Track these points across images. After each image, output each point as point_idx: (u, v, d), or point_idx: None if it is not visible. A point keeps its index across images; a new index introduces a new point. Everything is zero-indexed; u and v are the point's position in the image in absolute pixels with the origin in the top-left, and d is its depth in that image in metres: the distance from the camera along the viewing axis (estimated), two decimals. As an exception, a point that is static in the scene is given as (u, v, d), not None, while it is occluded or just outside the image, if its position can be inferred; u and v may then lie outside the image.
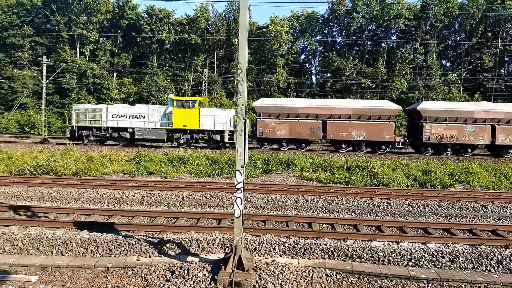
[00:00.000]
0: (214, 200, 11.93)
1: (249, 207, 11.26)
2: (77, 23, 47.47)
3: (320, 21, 53.21)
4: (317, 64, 56.21)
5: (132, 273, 6.76)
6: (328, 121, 24.80)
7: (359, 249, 7.51)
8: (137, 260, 7.20)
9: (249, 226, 9.29)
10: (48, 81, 41.51)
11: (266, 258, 7.25)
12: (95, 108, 27.14)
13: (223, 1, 52.60)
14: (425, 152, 24.76)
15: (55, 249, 7.63)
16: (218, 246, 7.66)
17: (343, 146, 25.24)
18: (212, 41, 51.49)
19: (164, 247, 7.62)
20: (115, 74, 51.37)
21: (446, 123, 24.33)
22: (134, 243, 7.74)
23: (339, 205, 11.83)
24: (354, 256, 7.39)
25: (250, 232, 8.52)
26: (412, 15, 47.60)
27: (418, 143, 25.27)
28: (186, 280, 6.32)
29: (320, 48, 55.58)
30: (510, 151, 24.57)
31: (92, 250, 7.64)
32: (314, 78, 56.63)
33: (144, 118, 26.03)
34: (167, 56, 53.42)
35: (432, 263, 7.19)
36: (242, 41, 6.36)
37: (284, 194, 12.66)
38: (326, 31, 54.89)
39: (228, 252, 7.02)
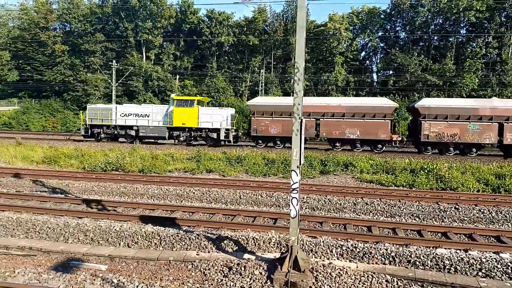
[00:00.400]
0: (270, 200, 11.99)
1: (305, 208, 11.17)
2: (143, 28, 50.39)
3: (382, 16, 51.14)
4: (378, 61, 54.10)
5: (192, 267, 7.03)
6: (321, 119, 24.46)
7: (423, 256, 7.11)
8: (196, 254, 7.48)
9: (305, 227, 9.21)
10: (117, 84, 44.64)
11: (323, 260, 7.13)
12: (106, 108, 28.62)
13: (281, 1, 52.69)
14: (425, 152, 23.27)
15: (122, 241, 8.18)
16: (274, 245, 7.70)
17: (337, 144, 24.73)
18: (270, 42, 51.81)
19: (222, 243, 7.82)
20: (177, 76, 53.74)
21: (447, 121, 22.72)
22: (194, 238, 8.05)
23: (401, 209, 11.28)
24: (417, 263, 7.01)
25: (307, 233, 8.45)
26: (485, 7, 43.92)
27: (417, 142, 23.95)
28: (242, 277, 6.43)
29: (382, 45, 53.40)
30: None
31: (155, 243, 8.07)
32: (375, 76, 54.62)
33: (148, 116, 27.23)
34: (226, 58, 54.72)
35: (507, 275, 6.59)
36: (299, 40, 6.32)
37: (342, 196, 12.36)
38: (388, 27, 52.62)
39: (284, 252, 7.02)
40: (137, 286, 6.24)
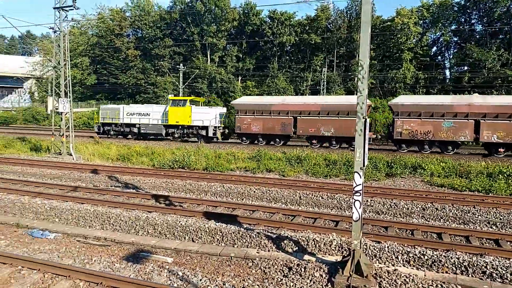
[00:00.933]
0: (331, 202, 11.75)
1: (369, 212, 10.76)
2: (208, 32, 52.23)
3: (456, 9, 47.56)
4: (451, 56, 50.41)
5: (252, 264, 7.12)
6: (298, 117, 25.26)
7: (501, 268, 6.49)
8: (257, 252, 7.57)
9: (369, 231, 8.88)
10: (184, 86, 46.79)
11: (388, 267, 6.82)
12: (115, 108, 31.85)
13: (345, -2, 51.37)
14: (401, 149, 23.14)
15: (187, 236, 8.55)
16: (335, 248, 7.53)
17: (314, 141, 25.36)
18: (332, 40, 50.79)
19: (282, 243, 7.83)
20: (239, 77, 54.89)
21: (420, 118, 22.38)
22: (254, 236, 8.15)
23: (476, 216, 10.40)
24: (494, 274, 6.41)
25: (370, 238, 8.14)
26: None
27: (391, 139, 24.06)
28: (302, 278, 6.38)
29: (456, 39, 49.69)
30: (500, 149, 21.09)
31: (217, 239, 8.32)
32: (448, 72, 50.97)
33: (148, 115, 29.96)
34: (287, 58, 54.71)
35: None
36: (363, 36, 6.11)
37: (410, 200, 11.71)
38: (463, 20, 48.80)
39: (345, 255, 6.84)
40: (200, 280, 6.47)
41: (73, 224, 9.53)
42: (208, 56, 54.51)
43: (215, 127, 27.88)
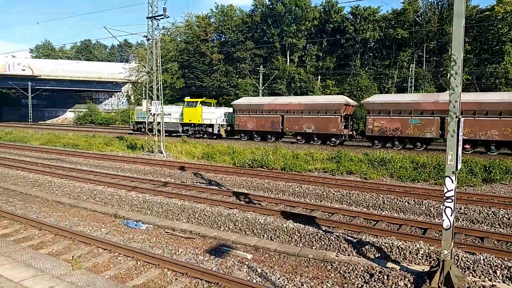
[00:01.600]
0: (419, 208, 10.97)
1: (462, 220, 9.82)
2: (288, 33, 52.46)
3: None
4: None
5: (331, 267, 6.98)
6: (285, 115, 28.23)
7: None
8: (336, 256, 7.40)
9: (461, 241, 8.11)
10: (263, 87, 47.64)
11: (483, 281, 6.16)
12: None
13: (436, -12, 47.57)
14: (375, 146, 24.63)
15: (266, 234, 8.69)
16: (422, 257, 7.03)
17: (298, 137, 28.06)
18: (422, 33, 47.37)
19: (363, 248, 7.54)
20: (319, 77, 54.17)
21: (389, 116, 23.89)
22: (333, 239, 7.98)
23: None
24: None
25: (463, 248, 7.43)
26: None
27: (364, 135, 25.99)
28: (385, 286, 6.07)
29: None
30: (465, 146, 21.23)
31: (295, 240, 8.31)
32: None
33: (170, 115, 33.71)
34: (371, 54, 52.46)
35: None
36: (456, 29, 5.59)
37: None
38: None
39: (434, 265, 6.34)
40: (278, 278, 6.53)
41: (163, 217, 10.30)
42: (288, 56, 54.72)
43: (220, 125, 32.07)
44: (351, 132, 27.31)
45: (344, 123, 26.67)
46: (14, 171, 16.56)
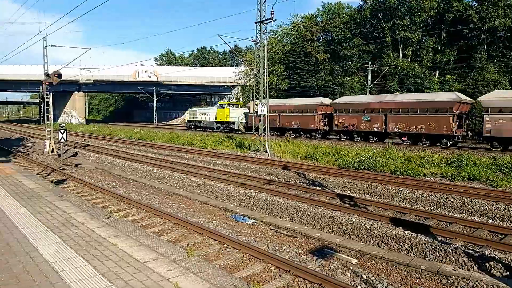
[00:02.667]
0: None
1: None
2: (400, 26, 49.04)
3: None
4: None
5: (447, 282, 6.32)
6: (280, 114, 35.23)
7: None
8: (453, 269, 6.67)
9: None
10: (372, 85, 45.44)
11: None
12: (194, 110, 49.67)
13: None
14: (341, 139, 30.25)
15: (372, 239, 8.29)
16: None
17: (290, 132, 34.44)
18: None
19: (487, 264, 6.65)
20: (437, 72, 49.42)
21: (349, 114, 29.75)
22: (450, 251, 7.22)
23: None
24: None
25: None
26: None
27: (331, 129, 31.96)
28: (515, 311, 5.25)
29: None
30: (403, 138, 26.74)
31: (406, 248, 7.74)
32: None
33: (209, 115, 44.96)
34: (500, 45, 45.81)
35: None
36: None
37: None
38: None
39: None
40: (385, 287, 6.17)
41: (267, 214, 10.62)
42: (400, 51, 51.18)
43: (240, 122, 40.60)
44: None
45: (457, 123, 24.66)
46: (142, 166, 18.92)
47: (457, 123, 24.54)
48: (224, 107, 42.84)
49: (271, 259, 6.97)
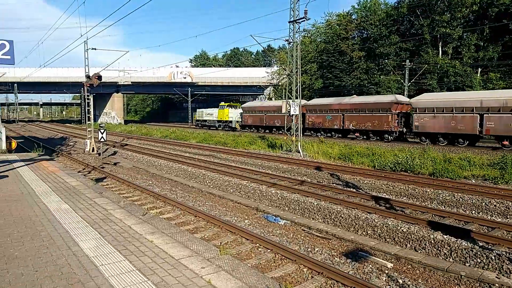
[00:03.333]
0: None
1: None
2: (440, 22, 47.14)
3: None
4: None
5: (489, 291, 6.01)
6: (266, 114, 43.08)
7: None
8: (496, 277, 6.33)
9: None
10: (409, 83, 43.99)
11: None
12: (201, 110, 57.80)
13: None
14: (312, 135, 36.44)
15: (408, 243, 8.03)
16: None
17: (274, 129, 41.99)
18: None
19: (535, 273, 6.25)
20: (479, 69, 47.11)
21: (317, 114, 36.37)
22: (493, 257, 6.87)
23: None
24: None
25: None
26: None
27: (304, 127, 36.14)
28: None
29: None
30: (356, 134, 32.72)
31: (444, 253, 7.44)
32: None
33: (212, 115, 53.16)
34: (550, 39, 42.95)
35: None
36: None
37: None
38: None
39: None
40: (422, 293, 5.95)
41: (299, 215, 10.54)
42: (440, 48, 49.21)
43: (236, 121, 48.46)
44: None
45: (396, 121, 29.62)
46: (177, 165, 19.36)
47: (396, 121, 29.48)
48: (224, 108, 50.97)
49: (303, 260, 6.92)
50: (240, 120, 47.99)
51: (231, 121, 49.07)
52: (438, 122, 26.40)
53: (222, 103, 52.78)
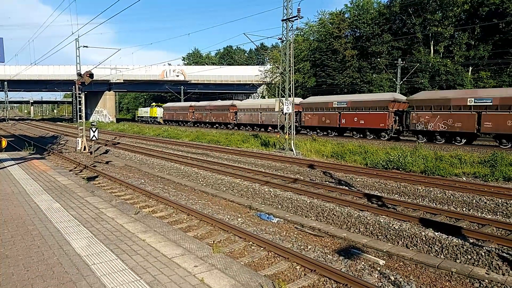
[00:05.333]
0: None
1: None
2: (432, 21, 47.50)
3: None
4: None
5: (480, 286, 6.10)
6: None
7: None
8: (486, 273, 6.42)
9: None
10: (401, 82, 44.27)
11: None
12: (141, 109, 75.12)
13: None
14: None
15: (400, 240, 8.10)
16: None
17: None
18: None
19: (524, 269, 6.35)
20: (470, 68, 47.58)
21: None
22: (483, 254, 6.96)
23: None
24: None
25: None
26: None
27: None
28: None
29: None
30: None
31: (436, 250, 7.52)
32: None
33: (147, 112, 69.83)
34: (540, 39, 43.49)
35: None
36: None
37: None
38: None
39: None
40: (413, 290, 6.01)
41: (292, 212, 10.58)
42: (431, 47, 49.60)
43: (160, 117, 65.40)
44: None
45: (394, 119, 29.59)
46: (169, 163, 19.28)
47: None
48: (153, 107, 68.81)
49: (296, 258, 6.94)
50: (162, 116, 64.60)
51: (156, 117, 66.61)
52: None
53: (153, 104, 71.64)
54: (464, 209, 10.76)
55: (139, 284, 4.65)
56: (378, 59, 51.84)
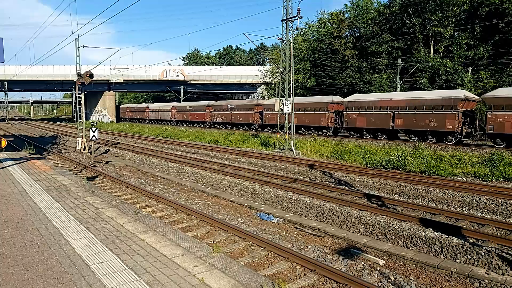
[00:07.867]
0: None
1: None
2: (432, 21, 47.51)
3: None
4: None
5: (479, 286, 6.10)
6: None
7: None
8: (486, 273, 6.42)
9: None
10: (401, 82, 44.27)
11: None
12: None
13: None
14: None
15: (400, 240, 8.10)
16: None
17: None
18: None
19: (523, 269, 6.35)
20: (470, 68, 47.59)
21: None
22: (483, 254, 6.97)
23: None
24: None
25: None
26: None
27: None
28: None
29: None
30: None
31: (435, 250, 7.52)
32: None
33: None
34: (540, 39, 43.50)
35: None
36: None
37: None
38: None
39: None
40: (413, 290, 6.02)
41: (292, 212, 10.57)
42: (431, 47, 49.62)
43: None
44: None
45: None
46: (169, 163, 19.28)
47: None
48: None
49: (296, 258, 6.94)
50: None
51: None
52: None
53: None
54: (464, 209, 10.76)
55: (139, 284, 4.66)
56: (378, 59, 51.83)
